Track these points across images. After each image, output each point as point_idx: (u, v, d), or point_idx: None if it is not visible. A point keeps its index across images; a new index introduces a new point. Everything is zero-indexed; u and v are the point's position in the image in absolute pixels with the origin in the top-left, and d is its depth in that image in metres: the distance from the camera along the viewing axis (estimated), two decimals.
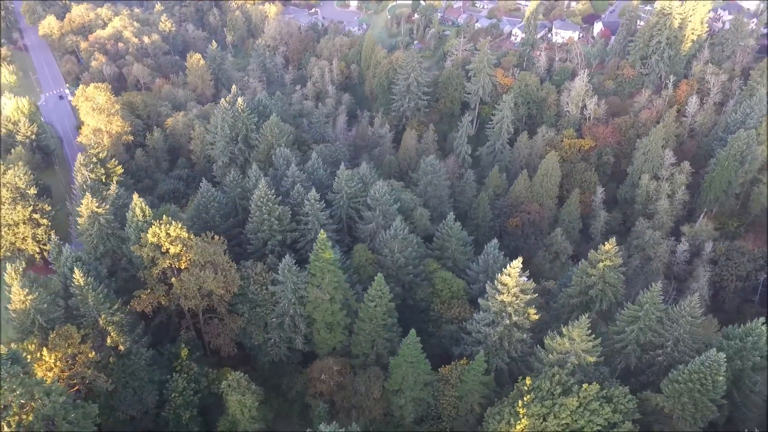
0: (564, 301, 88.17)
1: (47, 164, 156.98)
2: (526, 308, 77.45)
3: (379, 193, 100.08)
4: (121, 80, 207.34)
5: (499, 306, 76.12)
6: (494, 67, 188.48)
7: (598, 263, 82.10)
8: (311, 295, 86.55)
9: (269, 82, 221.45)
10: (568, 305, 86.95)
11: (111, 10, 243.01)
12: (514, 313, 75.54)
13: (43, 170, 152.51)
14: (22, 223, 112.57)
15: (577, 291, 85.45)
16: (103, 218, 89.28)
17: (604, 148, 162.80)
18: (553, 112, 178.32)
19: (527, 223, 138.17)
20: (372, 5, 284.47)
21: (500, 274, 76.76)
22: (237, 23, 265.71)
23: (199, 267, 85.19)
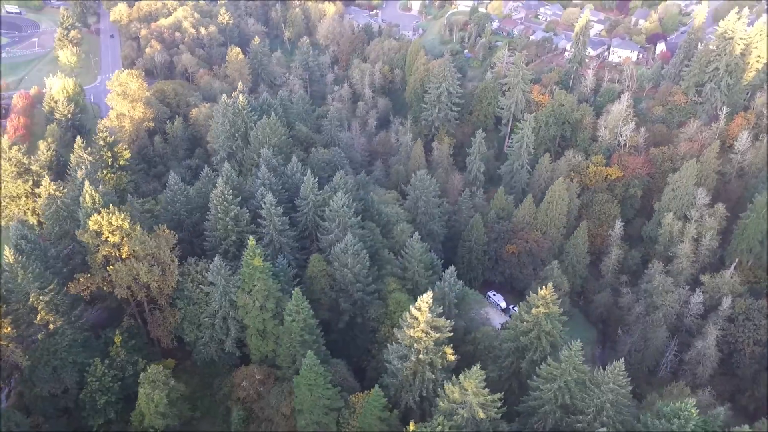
0: (500, 345, 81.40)
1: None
2: (442, 347, 71.88)
3: (338, 204, 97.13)
4: (171, 68, 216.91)
5: (409, 341, 71.23)
6: (531, 83, 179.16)
7: (532, 308, 74.86)
8: (240, 300, 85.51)
9: (311, 80, 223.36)
10: (504, 349, 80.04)
11: (177, 1, 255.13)
12: (423, 350, 70.30)
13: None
14: (24, 197, 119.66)
15: (511, 335, 78.45)
16: (60, 201, 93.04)
17: (632, 180, 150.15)
18: (588, 135, 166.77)
19: (524, 252, 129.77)
20: (433, 10, 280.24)
21: (413, 307, 71.73)
22: (296, 20, 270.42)
23: (137, 258, 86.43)
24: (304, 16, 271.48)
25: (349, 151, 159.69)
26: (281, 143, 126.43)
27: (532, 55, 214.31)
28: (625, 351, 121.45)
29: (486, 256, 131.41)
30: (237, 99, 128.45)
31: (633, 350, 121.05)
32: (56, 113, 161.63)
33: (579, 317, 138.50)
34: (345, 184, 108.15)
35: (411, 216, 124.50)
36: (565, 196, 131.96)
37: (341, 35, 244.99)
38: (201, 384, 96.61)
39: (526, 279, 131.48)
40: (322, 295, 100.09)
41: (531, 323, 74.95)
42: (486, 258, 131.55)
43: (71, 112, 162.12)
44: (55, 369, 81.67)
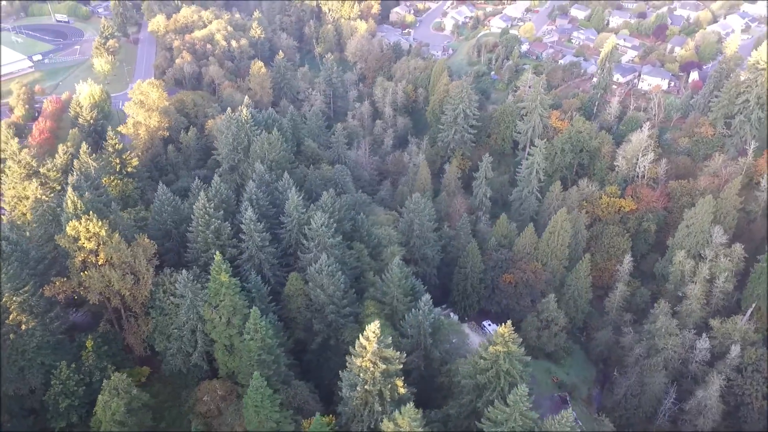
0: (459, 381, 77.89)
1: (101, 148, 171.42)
2: (392, 379, 69.26)
3: (317, 223, 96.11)
4: (200, 79, 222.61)
5: (358, 370, 69.01)
6: (550, 108, 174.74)
7: (489, 346, 71.35)
8: (206, 314, 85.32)
9: (335, 96, 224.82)
10: (463, 386, 76.54)
11: (213, 14, 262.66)
12: (370, 381, 67.88)
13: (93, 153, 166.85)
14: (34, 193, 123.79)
15: (470, 372, 74.97)
16: (46, 205, 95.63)
17: (646, 214, 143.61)
18: (605, 165, 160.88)
19: (522, 283, 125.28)
20: (466, 31, 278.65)
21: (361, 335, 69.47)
22: (328, 36, 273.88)
23: (113, 266, 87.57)
24: (335, 33, 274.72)
25: (357, 169, 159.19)
26: (280, 158, 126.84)
27: (559, 80, 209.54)
28: (621, 394, 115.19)
29: (482, 284, 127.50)
30: (240, 112, 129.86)
31: (629, 394, 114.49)
32: (80, 119, 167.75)
33: (579, 354, 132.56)
34: (333, 203, 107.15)
35: (405, 239, 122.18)
36: (567, 227, 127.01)
37: (369, 53, 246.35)
38: (172, 394, 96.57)
39: (522, 311, 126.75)
40: (297, 315, 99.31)
41: (489, 361, 71.38)
42: (482, 286, 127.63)
43: (94, 118, 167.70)
44: (21, 369, 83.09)
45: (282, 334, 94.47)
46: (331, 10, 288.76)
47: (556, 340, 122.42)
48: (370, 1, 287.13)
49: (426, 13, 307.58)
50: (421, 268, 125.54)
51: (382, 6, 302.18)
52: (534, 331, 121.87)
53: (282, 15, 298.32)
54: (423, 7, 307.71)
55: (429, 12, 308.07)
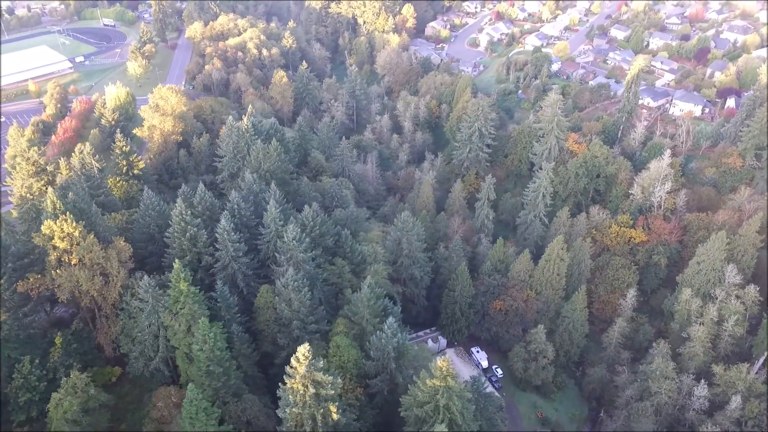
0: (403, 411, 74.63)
1: None
2: (325, 404, 67.02)
3: (289, 237, 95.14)
4: (227, 85, 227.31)
5: (290, 391, 67.19)
6: (568, 130, 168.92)
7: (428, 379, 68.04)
8: (166, 321, 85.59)
9: (359, 109, 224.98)
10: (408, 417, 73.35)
11: (249, 22, 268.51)
12: (300, 404, 65.86)
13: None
14: (38, 194, 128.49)
15: (411, 403, 71.72)
16: (31, 202, 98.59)
17: (657, 246, 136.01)
18: (621, 192, 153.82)
19: (511, 311, 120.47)
20: (500, 48, 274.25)
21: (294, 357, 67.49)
22: (360, 48, 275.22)
23: (85, 266, 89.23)
24: (368, 45, 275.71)
25: (362, 183, 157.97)
26: (276, 168, 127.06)
27: (586, 102, 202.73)
28: None
29: (472, 309, 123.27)
30: (241, 121, 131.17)
31: None
32: (102, 119, 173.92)
33: (572, 390, 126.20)
34: (314, 217, 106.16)
35: (393, 257, 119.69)
36: (564, 255, 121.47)
37: (397, 66, 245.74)
38: (138, 397, 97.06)
39: (512, 339, 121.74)
40: (266, 327, 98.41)
41: (428, 394, 68.13)
42: (472, 312, 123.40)
43: (115, 120, 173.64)
44: None
45: (247, 346, 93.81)
46: (366, 23, 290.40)
47: (544, 373, 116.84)
48: (405, 15, 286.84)
49: (463, 28, 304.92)
50: (409, 289, 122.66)
51: (419, 20, 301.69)
52: (520, 363, 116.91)
53: (318, 25, 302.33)
54: (460, 23, 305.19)
55: (466, 27, 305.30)
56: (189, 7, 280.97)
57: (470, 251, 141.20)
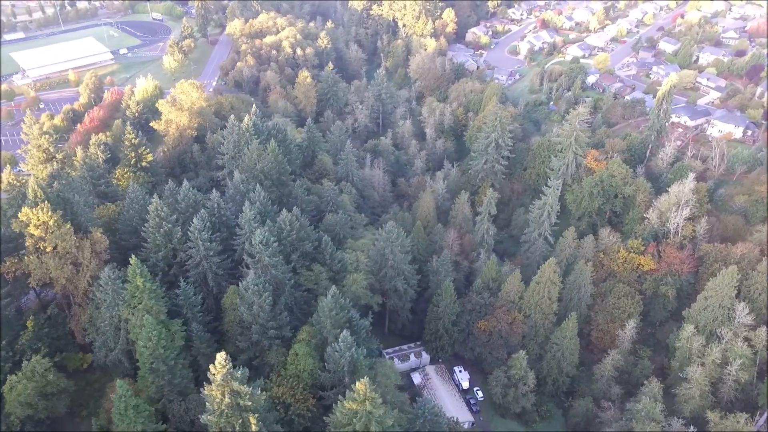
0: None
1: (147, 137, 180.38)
2: (245, 415, 65.50)
3: (256, 240, 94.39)
4: (258, 83, 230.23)
5: (209, 397, 66.09)
6: (588, 147, 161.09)
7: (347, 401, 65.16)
8: (124, 314, 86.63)
9: (384, 112, 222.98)
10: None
11: (288, 21, 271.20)
12: (217, 412, 64.61)
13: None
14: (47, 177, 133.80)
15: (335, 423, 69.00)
16: (17, 190, 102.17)
17: (666, 276, 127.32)
18: (638, 215, 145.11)
19: (495, 332, 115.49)
20: (541, 57, 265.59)
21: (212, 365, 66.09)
22: (396, 51, 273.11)
23: (58, 254, 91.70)
24: (405, 49, 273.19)
25: (366, 188, 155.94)
26: (270, 169, 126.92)
27: (617, 117, 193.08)
28: None
29: (456, 327, 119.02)
30: (241, 121, 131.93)
31: None
32: (127, 111, 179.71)
33: (558, 421, 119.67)
34: (292, 221, 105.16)
35: (377, 267, 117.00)
36: (556, 278, 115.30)
37: (429, 71, 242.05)
38: (104, 385, 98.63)
39: (495, 362, 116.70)
40: (230, 329, 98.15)
41: (347, 416, 65.47)
42: (456, 330, 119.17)
43: (139, 112, 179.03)
44: None
45: (207, 346, 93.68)
46: (406, 26, 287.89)
47: (524, 400, 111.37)
48: (445, 19, 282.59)
49: (505, 35, 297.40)
50: (392, 301, 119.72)
51: (460, 25, 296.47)
52: (500, 388, 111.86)
53: (359, 27, 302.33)
54: (503, 29, 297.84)
55: (509, 35, 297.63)
56: (232, 5, 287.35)
57: (467, 266, 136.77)
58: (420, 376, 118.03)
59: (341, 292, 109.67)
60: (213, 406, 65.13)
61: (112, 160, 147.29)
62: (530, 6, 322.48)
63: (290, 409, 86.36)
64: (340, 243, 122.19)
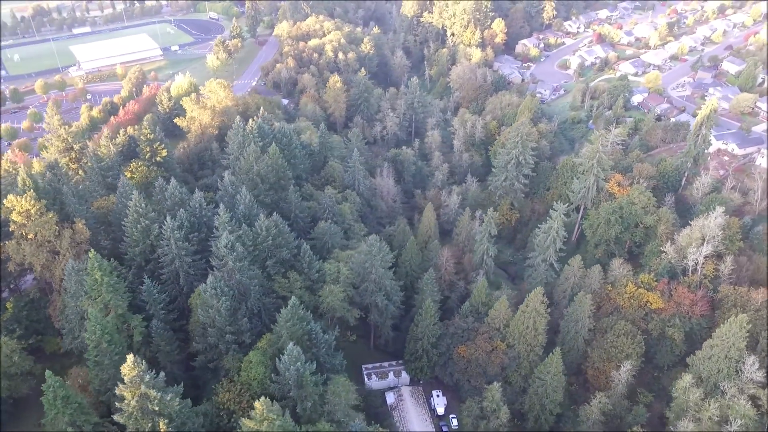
0: None
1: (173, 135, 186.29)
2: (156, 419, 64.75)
3: (221, 243, 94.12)
4: (295, 84, 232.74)
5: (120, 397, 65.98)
6: (612, 170, 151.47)
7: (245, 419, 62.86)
8: (84, 305, 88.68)
9: (417, 121, 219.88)
10: None
11: (335, 25, 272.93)
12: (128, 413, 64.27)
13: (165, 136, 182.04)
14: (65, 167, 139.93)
15: None
16: (9, 177, 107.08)
17: (674, 317, 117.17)
18: (656, 247, 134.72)
19: (474, 360, 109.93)
20: (591, 72, 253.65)
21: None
22: (441, 60, 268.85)
23: (35, 241, 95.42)
24: (449, 58, 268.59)
25: (374, 198, 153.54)
26: (267, 173, 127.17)
27: (657, 140, 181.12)
28: None
29: (436, 350, 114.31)
30: (245, 123, 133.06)
31: None
32: (159, 106, 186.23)
33: None
34: (267, 227, 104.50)
35: (359, 280, 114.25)
36: (541, 309, 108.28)
37: (469, 82, 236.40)
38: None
39: (472, 391, 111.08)
40: (194, 329, 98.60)
41: None
42: (435, 352, 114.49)
43: (170, 108, 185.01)
44: None
45: (167, 343, 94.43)
46: (455, 35, 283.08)
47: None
48: (494, 29, 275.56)
49: (558, 48, 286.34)
50: (373, 316, 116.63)
51: (512, 36, 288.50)
52: (471, 419, 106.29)
53: (408, 33, 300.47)
54: (555, 42, 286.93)
55: (561, 48, 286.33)
56: (284, 6, 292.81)
57: (463, 287, 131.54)
58: (394, 396, 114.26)
59: (317, 302, 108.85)
60: (123, 407, 65.13)
61: (135, 154, 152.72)
62: (589, 19, 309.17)
63: (233, 417, 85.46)
64: (329, 252, 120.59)
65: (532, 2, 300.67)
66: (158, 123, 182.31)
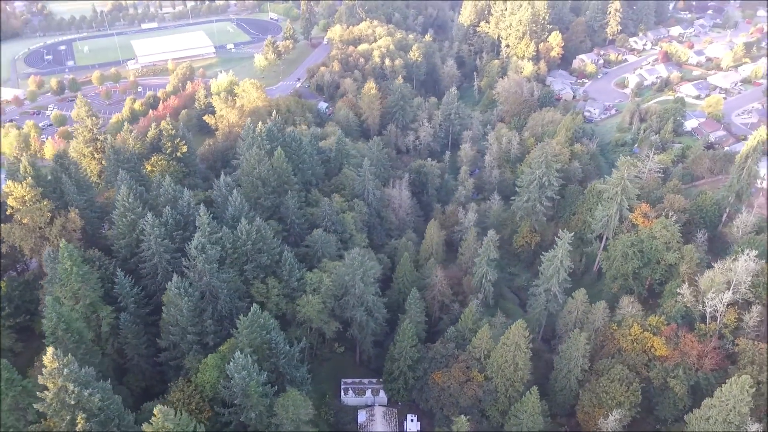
0: None
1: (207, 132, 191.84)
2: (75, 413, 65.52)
3: (192, 244, 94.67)
4: (337, 88, 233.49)
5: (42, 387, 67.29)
6: (639, 200, 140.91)
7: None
8: (56, 292, 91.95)
9: (453, 133, 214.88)
10: None
11: (387, 30, 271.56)
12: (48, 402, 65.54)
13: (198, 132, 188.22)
14: (89, 157, 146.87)
15: None
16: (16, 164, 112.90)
17: (677, 368, 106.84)
18: (675, 287, 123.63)
19: (446, 389, 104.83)
20: (649, 92, 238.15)
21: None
22: (491, 71, 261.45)
23: (25, 226, 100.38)
24: (500, 69, 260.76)
25: (383, 209, 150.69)
26: (268, 176, 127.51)
27: (704, 171, 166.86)
28: None
29: (412, 372, 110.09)
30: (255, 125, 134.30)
31: None
32: (196, 102, 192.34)
33: None
34: (248, 231, 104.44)
35: (341, 293, 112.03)
36: (523, 344, 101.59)
37: (513, 95, 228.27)
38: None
39: (444, 420, 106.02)
40: (163, 325, 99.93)
41: None
42: (412, 375, 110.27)
43: (205, 105, 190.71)
44: None
45: (133, 336, 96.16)
46: (509, 46, 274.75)
47: None
48: (551, 43, 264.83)
49: (619, 65, 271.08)
50: (352, 331, 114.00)
51: (571, 50, 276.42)
52: None
53: (463, 43, 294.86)
54: (616, 59, 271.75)
55: (622, 65, 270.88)
56: (340, 10, 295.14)
57: (458, 310, 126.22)
58: (366, 415, 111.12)
59: (295, 311, 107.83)
60: (43, 397, 66.57)
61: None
62: (658, 36, 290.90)
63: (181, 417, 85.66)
64: (319, 261, 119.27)
65: (596, 16, 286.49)
66: (193, 119, 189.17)
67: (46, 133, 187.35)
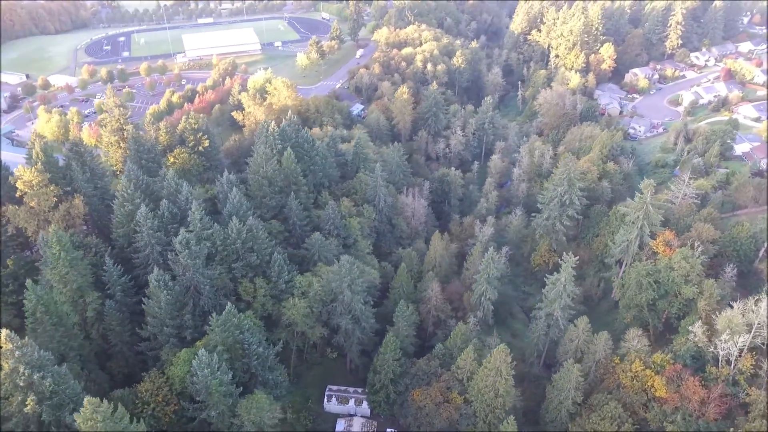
0: None
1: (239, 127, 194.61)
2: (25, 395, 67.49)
3: (177, 239, 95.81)
4: (375, 90, 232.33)
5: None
6: (663, 227, 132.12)
7: None
8: (47, 275, 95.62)
9: (486, 143, 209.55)
10: None
11: (433, 35, 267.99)
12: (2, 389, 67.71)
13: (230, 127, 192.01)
14: (116, 146, 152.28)
15: None
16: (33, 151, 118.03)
17: (675, 413, 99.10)
18: (690, 323, 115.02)
19: (421, 408, 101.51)
20: (704, 111, 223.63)
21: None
22: (537, 81, 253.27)
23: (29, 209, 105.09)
24: (546, 80, 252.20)
25: (394, 216, 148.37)
26: (273, 176, 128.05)
27: (747, 199, 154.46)
28: None
29: (394, 386, 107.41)
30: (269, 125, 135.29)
31: None
32: (230, 98, 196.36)
33: None
34: (240, 231, 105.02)
35: (330, 298, 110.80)
36: (505, 370, 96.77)
37: (554, 107, 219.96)
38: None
39: None
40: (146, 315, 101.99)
41: None
42: (393, 389, 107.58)
43: (237, 101, 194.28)
44: None
45: (117, 323, 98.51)
46: (559, 57, 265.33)
47: None
48: (602, 55, 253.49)
49: (675, 81, 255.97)
50: (338, 338, 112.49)
51: (625, 63, 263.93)
52: None
53: (512, 51, 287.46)
54: (673, 74, 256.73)
55: (680, 81, 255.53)
56: (390, 12, 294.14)
57: (453, 326, 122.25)
58: (344, 425, 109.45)
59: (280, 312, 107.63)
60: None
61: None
62: (723, 52, 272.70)
63: (146, 407, 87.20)
64: (314, 264, 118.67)
65: (656, 28, 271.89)
66: (226, 114, 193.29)
67: (89, 120, 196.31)
